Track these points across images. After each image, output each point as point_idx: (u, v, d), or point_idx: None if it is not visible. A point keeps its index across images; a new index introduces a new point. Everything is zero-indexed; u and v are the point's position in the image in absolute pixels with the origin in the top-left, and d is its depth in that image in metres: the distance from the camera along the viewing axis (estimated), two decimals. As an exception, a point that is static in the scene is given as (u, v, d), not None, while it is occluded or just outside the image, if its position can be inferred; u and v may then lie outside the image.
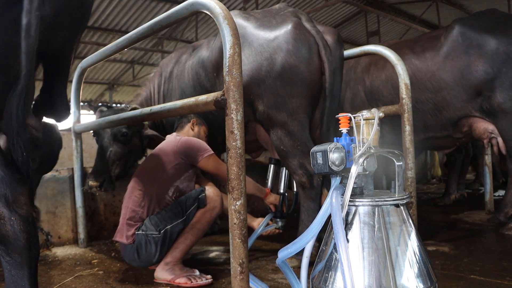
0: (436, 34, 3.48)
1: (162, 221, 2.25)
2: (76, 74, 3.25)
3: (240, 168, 1.58)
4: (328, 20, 10.95)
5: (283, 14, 2.57)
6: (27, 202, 1.24)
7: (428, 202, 4.89)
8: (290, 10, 2.61)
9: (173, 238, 2.26)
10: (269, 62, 2.43)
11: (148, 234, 2.24)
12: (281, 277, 2.25)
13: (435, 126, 3.47)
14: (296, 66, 2.42)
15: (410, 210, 2.53)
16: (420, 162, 7.32)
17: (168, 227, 2.24)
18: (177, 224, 2.25)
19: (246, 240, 1.58)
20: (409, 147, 2.68)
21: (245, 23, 2.55)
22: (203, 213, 2.29)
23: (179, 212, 2.27)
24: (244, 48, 2.49)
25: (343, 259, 1.21)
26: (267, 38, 2.46)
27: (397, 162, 1.38)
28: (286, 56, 2.41)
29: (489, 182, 4.03)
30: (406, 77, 2.73)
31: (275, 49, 2.43)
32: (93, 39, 10.10)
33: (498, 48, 3.03)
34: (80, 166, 3.23)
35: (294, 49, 2.42)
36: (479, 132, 3.29)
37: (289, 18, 2.51)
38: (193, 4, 1.76)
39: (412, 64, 3.41)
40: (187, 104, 1.85)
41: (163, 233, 2.23)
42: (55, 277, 2.42)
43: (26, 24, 1.20)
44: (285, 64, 2.41)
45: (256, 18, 2.59)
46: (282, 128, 2.48)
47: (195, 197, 2.29)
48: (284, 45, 2.42)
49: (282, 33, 2.44)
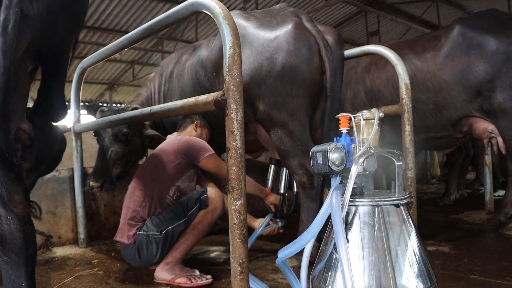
0: (437, 34, 3.49)
1: (164, 221, 2.25)
2: (76, 74, 3.25)
3: (240, 168, 1.58)
4: (328, 20, 10.96)
5: (283, 14, 2.57)
6: (22, 201, 1.23)
7: (428, 202, 4.89)
8: (291, 10, 2.61)
9: (174, 239, 2.26)
10: (270, 62, 2.43)
11: (149, 234, 2.24)
12: (281, 277, 2.25)
13: (436, 126, 3.47)
14: (297, 66, 2.42)
15: (410, 210, 2.53)
16: (420, 162, 7.32)
17: (170, 228, 2.24)
18: (179, 225, 2.25)
19: (246, 240, 1.58)
20: (409, 147, 2.68)
21: (246, 23, 2.55)
22: (205, 214, 2.29)
23: (180, 213, 2.27)
24: (245, 48, 2.49)
25: (343, 259, 1.21)
26: (268, 38, 2.46)
27: (397, 162, 1.38)
28: (287, 56, 2.41)
29: (489, 182, 4.03)
30: (406, 77, 2.73)
31: (276, 49, 2.43)
32: (93, 39, 10.10)
33: (498, 48, 3.03)
34: (80, 166, 3.23)
35: (295, 48, 2.41)
36: (479, 132, 3.29)
37: (289, 18, 2.51)
38: (193, 4, 1.76)
39: (412, 64, 3.41)
40: (187, 104, 1.85)
41: (164, 234, 2.23)
42: (55, 277, 2.42)
43: (3, 20, 1.17)
44: (285, 64, 2.41)
45: (256, 18, 2.59)
46: (283, 128, 2.48)
47: (197, 198, 2.29)
48: (284, 44, 2.42)
49: (283, 32, 2.44)
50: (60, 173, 3.29)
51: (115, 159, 3.04)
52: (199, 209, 2.29)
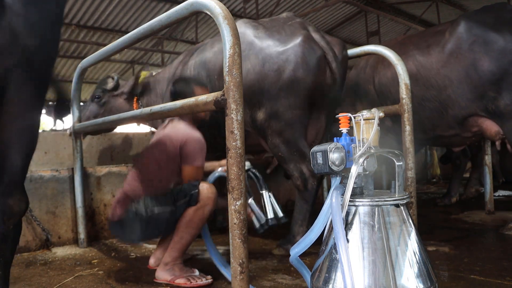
0: (441, 29, 3.32)
1: (152, 204, 2.23)
2: (76, 74, 3.25)
3: (240, 168, 1.58)
4: (328, 20, 10.95)
5: (291, 25, 2.62)
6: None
7: (428, 202, 4.89)
8: (298, 21, 2.68)
9: (158, 225, 2.24)
10: (277, 74, 2.49)
11: (137, 211, 2.22)
12: (281, 277, 2.26)
13: (442, 124, 3.36)
14: (303, 79, 2.50)
15: (410, 210, 2.53)
16: (420, 162, 7.32)
17: (155, 211, 2.21)
18: (164, 212, 2.21)
19: (246, 240, 1.58)
20: (409, 147, 2.68)
21: (254, 32, 2.59)
22: (195, 211, 2.22)
23: (169, 201, 2.24)
24: (251, 57, 2.52)
25: (343, 259, 1.21)
26: (276, 50, 2.52)
27: (397, 162, 1.38)
28: (295, 69, 2.47)
29: (489, 182, 4.02)
30: (406, 77, 2.73)
31: (284, 62, 2.48)
32: (93, 39, 10.09)
33: (506, 47, 2.82)
34: (80, 166, 3.23)
35: (303, 62, 2.48)
36: (491, 134, 3.11)
37: (298, 31, 2.56)
38: (193, 4, 1.76)
39: (416, 60, 3.27)
40: (187, 104, 1.85)
41: (150, 215, 2.21)
42: (55, 277, 2.42)
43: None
44: (292, 77, 2.48)
45: (265, 28, 2.64)
46: (280, 136, 2.57)
47: (187, 192, 2.23)
48: (293, 58, 2.47)
49: (292, 46, 2.50)
50: (60, 173, 3.29)
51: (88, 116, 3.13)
52: (189, 205, 2.22)
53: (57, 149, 4.21)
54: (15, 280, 2.39)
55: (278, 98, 2.49)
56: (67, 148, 4.02)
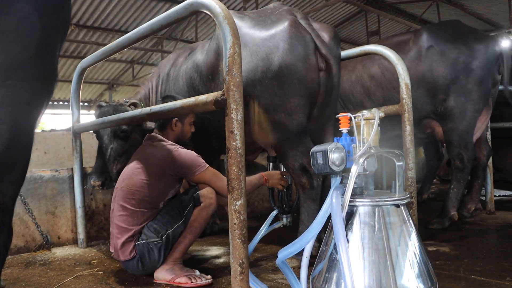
0: (405, 38, 3.63)
1: (162, 226, 2.23)
2: (75, 74, 3.25)
3: (240, 168, 1.57)
4: (328, 20, 10.96)
5: (278, 13, 2.51)
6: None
7: (429, 202, 4.89)
8: (285, 9, 2.55)
9: (175, 240, 2.26)
10: (266, 62, 2.36)
11: (149, 242, 2.21)
12: (281, 277, 2.25)
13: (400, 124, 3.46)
14: (293, 65, 2.36)
15: (410, 210, 2.53)
16: (420, 162, 7.31)
17: (170, 231, 2.23)
18: (178, 226, 2.24)
19: (246, 240, 1.58)
20: (409, 147, 2.68)
21: (240, 23, 2.49)
22: (199, 211, 2.26)
23: (177, 214, 2.25)
24: None
25: (343, 259, 1.21)
26: (263, 37, 2.40)
27: (397, 162, 1.37)
28: (283, 55, 2.35)
29: (489, 182, 4.02)
30: (406, 77, 2.73)
31: (272, 49, 2.36)
32: (93, 39, 10.10)
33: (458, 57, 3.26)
34: (80, 166, 3.23)
35: (291, 47, 2.35)
36: (440, 135, 3.48)
37: (284, 16, 2.45)
38: (193, 3, 1.75)
39: (381, 64, 3.55)
40: (187, 104, 1.85)
41: (165, 238, 2.22)
42: (54, 278, 2.42)
43: None
44: (282, 64, 2.34)
45: (251, 18, 2.53)
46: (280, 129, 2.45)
47: (190, 196, 2.28)
48: (280, 43, 2.36)
49: (278, 31, 2.38)
50: (60, 173, 3.29)
51: (115, 156, 3.02)
52: (194, 207, 2.27)
53: (57, 149, 4.20)
54: (15, 280, 2.39)
55: (272, 87, 2.36)
56: (67, 148, 4.01)
